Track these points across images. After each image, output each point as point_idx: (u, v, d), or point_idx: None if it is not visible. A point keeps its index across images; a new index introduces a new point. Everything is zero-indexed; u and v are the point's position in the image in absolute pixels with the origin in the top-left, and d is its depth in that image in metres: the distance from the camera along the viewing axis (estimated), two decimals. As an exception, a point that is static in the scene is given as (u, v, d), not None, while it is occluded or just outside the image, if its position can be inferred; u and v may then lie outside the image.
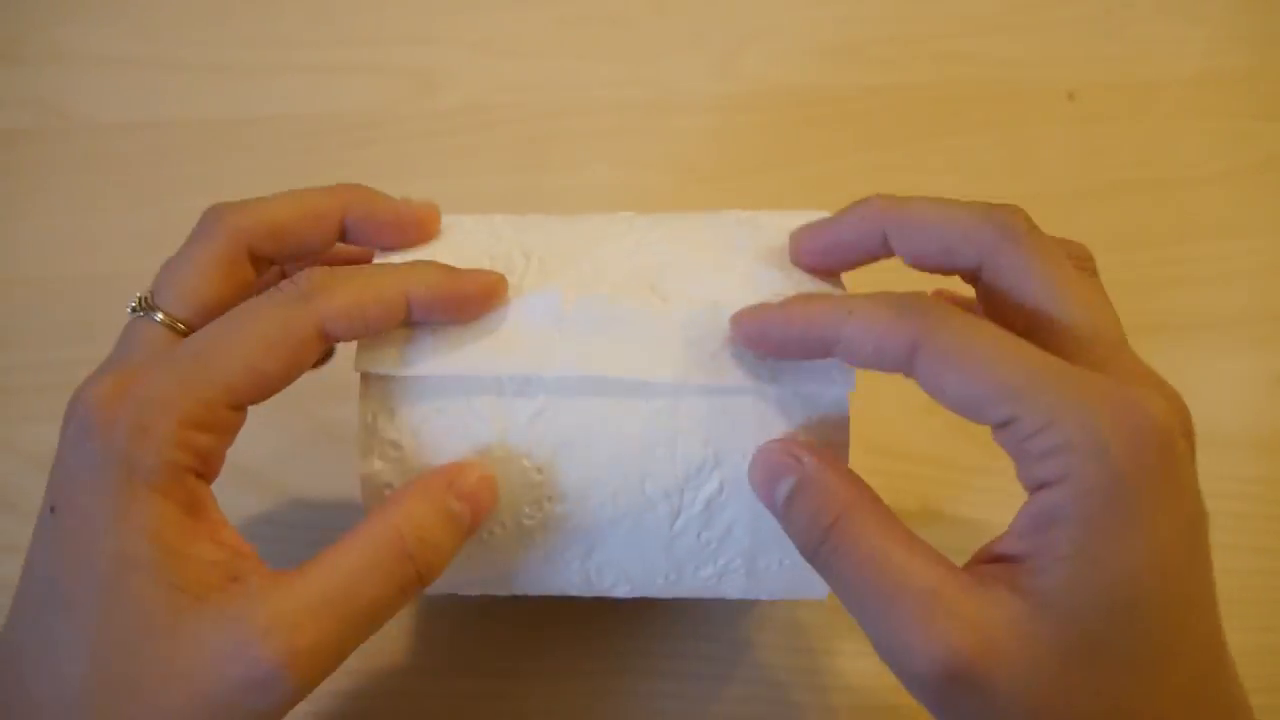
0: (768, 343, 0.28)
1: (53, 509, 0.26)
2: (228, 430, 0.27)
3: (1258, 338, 0.43)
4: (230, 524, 0.27)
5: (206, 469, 0.26)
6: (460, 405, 0.29)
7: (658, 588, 0.31)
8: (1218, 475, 0.40)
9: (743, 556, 0.30)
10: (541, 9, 0.51)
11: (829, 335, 0.26)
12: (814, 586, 0.30)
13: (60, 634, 0.25)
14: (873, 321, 0.26)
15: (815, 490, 0.26)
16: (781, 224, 0.31)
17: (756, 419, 0.28)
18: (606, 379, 0.28)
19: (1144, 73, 0.49)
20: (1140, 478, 0.23)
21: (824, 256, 0.30)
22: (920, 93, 0.49)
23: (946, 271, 0.28)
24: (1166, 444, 0.24)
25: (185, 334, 0.28)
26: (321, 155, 0.48)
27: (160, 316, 0.28)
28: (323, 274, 0.27)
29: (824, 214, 0.31)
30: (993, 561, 0.25)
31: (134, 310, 0.29)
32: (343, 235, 0.30)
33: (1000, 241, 0.27)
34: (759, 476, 0.28)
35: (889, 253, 0.29)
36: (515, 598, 0.33)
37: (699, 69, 0.50)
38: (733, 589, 0.31)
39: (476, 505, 0.28)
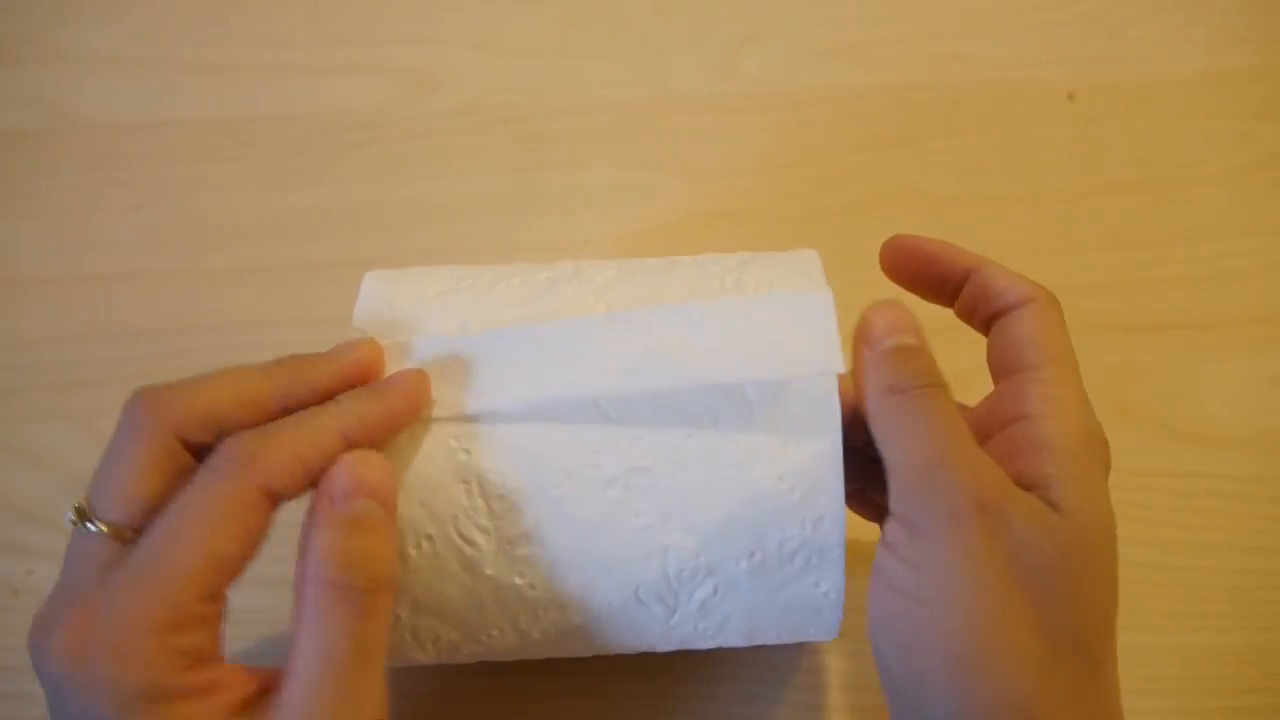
0: (918, 257, 0.32)
1: None
2: (208, 621, 0.25)
3: (1258, 338, 0.43)
4: (257, 669, 0.27)
5: (202, 660, 0.25)
6: (449, 531, 0.29)
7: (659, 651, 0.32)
8: (1217, 475, 0.41)
9: (742, 636, 0.31)
10: (541, 9, 0.51)
11: (974, 265, 0.31)
12: (818, 635, 0.31)
13: None
14: (1014, 271, 0.31)
15: (926, 361, 0.28)
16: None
17: (749, 515, 0.28)
18: (591, 496, 0.28)
19: (1144, 73, 0.49)
20: (1103, 461, 0.28)
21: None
22: (920, 93, 0.49)
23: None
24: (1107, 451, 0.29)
25: (131, 540, 0.26)
26: (321, 155, 0.48)
27: (100, 527, 0.26)
28: (253, 439, 0.26)
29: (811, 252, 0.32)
30: None
31: (72, 522, 0.26)
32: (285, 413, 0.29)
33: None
34: (890, 313, 0.29)
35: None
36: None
37: (699, 69, 0.50)
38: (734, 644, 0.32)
39: (369, 487, 0.26)
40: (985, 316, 0.31)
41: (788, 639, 0.31)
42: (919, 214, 0.46)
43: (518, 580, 0.29)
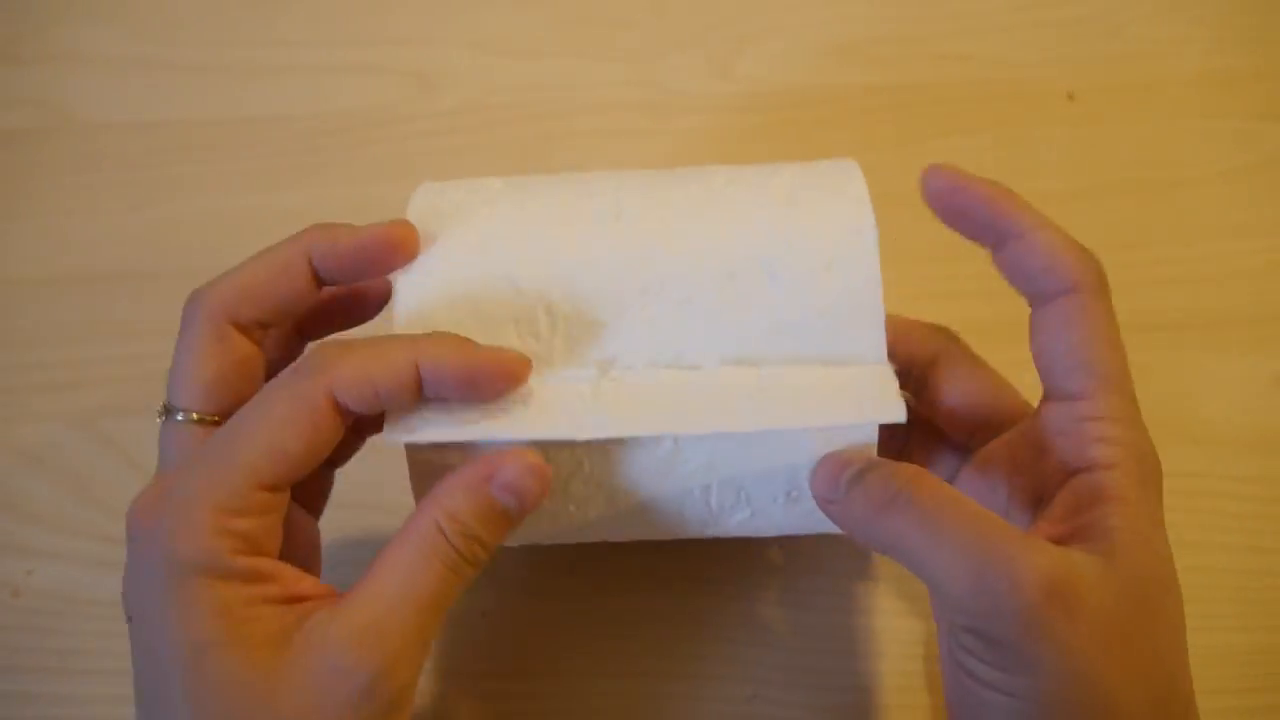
0: (957, 198, 0.30)
1: (130, 618, 0.27)
2: (266, 511, 0.27)
3: (1258, 338, 0.43)
4: (309, 575, 0.28)
5: (255, 548, 0.27)
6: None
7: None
8: (1218, 475, 0.41)
9: (777, 530, 0.33)
10: (541, 9, 0.51)
11: (1015, 229, 0.29)
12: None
13: None
14: (1060, 242, 0.28)
15: (886, 466, 0.28)
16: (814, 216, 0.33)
17: (787, 464, 0.30)
18: (642, 440, 0.30)
19: (1144, 73, 0.49)
20: (1159, 489, 0.28)
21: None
22: (920, 93, 0.49)
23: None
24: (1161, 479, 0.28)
25: (214, 423, 0.29)
26: (321, 155, 0.48)
27: (180, 416, 0.29)
28: (331, 347, 0.28)
29: (850, 163, 0.33)
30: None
31: (159, 416, 0.29)
32: (319, 279, 0.30)
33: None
34: (826, 470, 0.29)
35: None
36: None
37: (699, 69, 0.50)
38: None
39: (521, 494, 0.28)
40: (1024, 293, 0.30)
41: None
42: (919, 214, 0.46)
43: (572, 509, 0.31)
